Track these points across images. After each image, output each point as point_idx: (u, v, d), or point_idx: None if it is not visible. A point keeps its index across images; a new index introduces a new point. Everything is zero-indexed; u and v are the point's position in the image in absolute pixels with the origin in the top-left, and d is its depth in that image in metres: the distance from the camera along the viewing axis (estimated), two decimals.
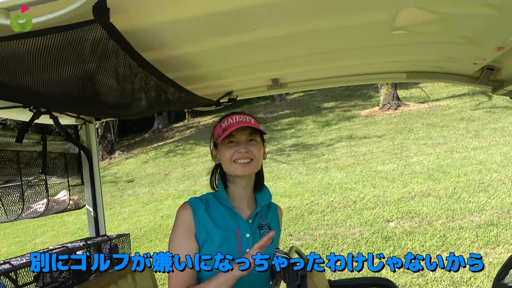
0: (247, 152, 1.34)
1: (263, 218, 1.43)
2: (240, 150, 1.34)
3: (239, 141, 1.36)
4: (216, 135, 1.39)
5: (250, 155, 1.35)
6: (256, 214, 1.41)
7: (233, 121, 1.37)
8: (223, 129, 1.36)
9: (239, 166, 1.34)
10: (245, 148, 1.34)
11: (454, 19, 1.39)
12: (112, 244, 2.17)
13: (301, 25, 1.34)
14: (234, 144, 1.36)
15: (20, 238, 8.23)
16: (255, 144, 1.38)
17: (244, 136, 1.37)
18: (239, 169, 1.34)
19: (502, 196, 5.28)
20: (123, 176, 11.92)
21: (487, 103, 11.37)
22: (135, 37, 1.27)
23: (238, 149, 1.34)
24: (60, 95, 1.52)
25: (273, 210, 1.51)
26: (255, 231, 1.38)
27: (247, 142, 1.37)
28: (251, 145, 1.36)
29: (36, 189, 2.09)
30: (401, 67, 2.12)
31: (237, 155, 1.34)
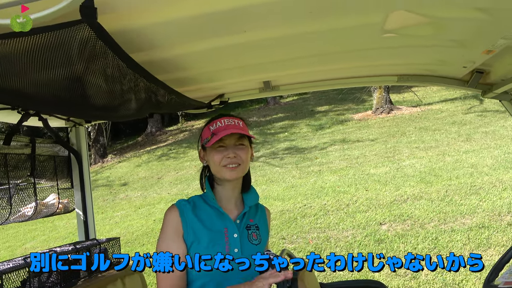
0: (235, 157, 1.35)
1: (251, 219, 1.44)
2: (229, 155, 1.35)
3: (228, 145, 1.37)
4: (205, 138, 1.39)
5: (238, 160, 1.36)
6: (244, 215, 1.41)
7: (222, 125, 1.37)
8: (212, 133, 1.36)
9: (227, 170, 1.35)
10: (233, 153, 1.35)
11: (444, 22, 1.40)
12: (102, 248, 2.15)
13: (291, 27, 1.34)
14: (223, 148, 1.36)
15: (10, 243, 8.12)
16: (243, 148, 1.38)
17: (233, 140, 1.37)
18: (227, 173, 1.35)
19: (493, 198, 5.32)
20: (116, 180, 11.83)
21: (479, 107, 11.48)
22: (125, 38, 1.25)
23: (227, 153, 1.35)
24: (49, 97, 1.50)
25: (261, 211, 1.51)
26: (243, 231, 1.39)
27: (236, 146, 1.37)
28: (239, 149, 1.37)
29: (24, 192, 2.06)
30: (392, 70, 2.13)
31: (226, 160, 1.35)
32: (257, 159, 10.66)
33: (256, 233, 1.41)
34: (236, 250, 1.34)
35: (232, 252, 1.33)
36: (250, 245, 1.38)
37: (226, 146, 1.36)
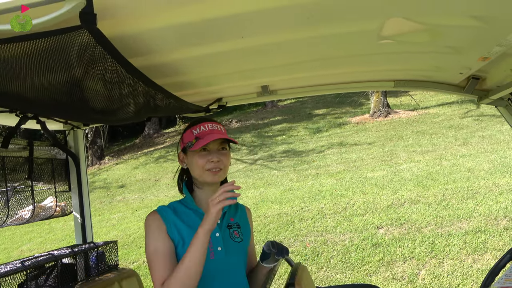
0: (218, 162, 1.39)
1: (231, 218, 1.48)
2: (213, 160, 1.38)
3: (211, 149, 1.40)
4: (188, 141, 1.42)
5: (221, 165, 1.40)
6: (224, 214, 1.45)
7: (206, 129, 1.41)
8: (196, 137, 1.40)
9: (210, 174, 1.39)
10: (217, 158, 1.39)
11: (440, 29, 1.41)
12: (99, 252, 2.15)
13: (289, 33, 1.35)
14: (207, 152, 1.40)
15: (6, 245, 8.09)
16: (225, 153, 1.42)
17: (216, 145, 1.41)
18: (210, 177, 1.39)
19: (490, 203, 5.34)
20: (113, 182, 11.81)
21: (476, 111, 11.53)
22: (123, 43, 1.26)
23: (211, 158, 1.38)
24: (47, 100, 1.51)
25: (241, 211, 1.55)
26: (224, 230, 1.42)
27: (218, 151, 1.41)
28: (222, 154, 1.41)
29: (22, 195, 2.06)
30: (389, 75, 2.14)
31: (209, 164, 1.38)
32: (254, 162, 10.67)
33: (238, 231, 1.45)
34: (220, 248, 1.37)
35: (215, 250, 1.36)
36: (233, 243, 1.41)
37: (210, 151, 1.40)
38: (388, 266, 4.39)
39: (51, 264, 1.86)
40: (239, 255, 1.42)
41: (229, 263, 1.38)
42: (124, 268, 2.27)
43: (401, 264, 4.39)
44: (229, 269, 1.38)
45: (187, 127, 1.46)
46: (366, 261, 4.55)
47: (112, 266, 2.22)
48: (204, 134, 1.38)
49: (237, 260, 1.41)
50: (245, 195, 7.51)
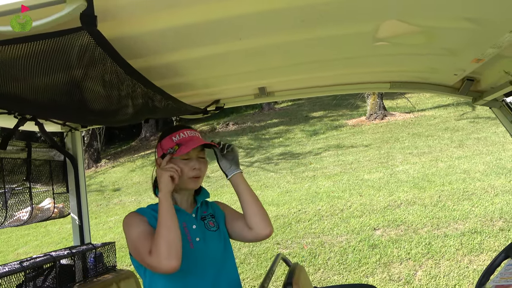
0: (199, 169, 1.48)
1: (204, 211, 1.56)
2: (195, 167, 1.46)
3: (192, 157, 1.47)
4: (168, 148, 1.46)
5: (201, 172, 1.49)
6: (197, 209, 1.53)
7: (186, 136, 1.48)
8: (177, 143, 1.45)
9: (192, 181, 1.47)
10: (199, 165, 1.47)
11: (435, 31, 1.43)
12: (97, 253, 2.15)
13: (285, 35, 1.37)
14: (188, 160, 1.47)
15: (2, 248, 8.04)
16: (204, 161, 1.52)
17: (196, 152, 1.49)
18: (192, 184, 1.48)
19: (485, 204, 5.37)
20: (109, 185, 11.78)
21: (471, 113, 11.60)
22: (123, 45, 1.27)
23: (193, 165, 1.46)
24: (46, 102, 1.52)
25: (212, 204, 1.63)
26: (199, 222, 1.50)
27: (199, 159, 1.49)
28: (202, 162, 1.50)
29: (19, 197, 2.07)
30: (385, 77, 2.16)
31: (192, 172, 1.46)
32: (251, 164, 10.68)
33: (213, 221, 1.54)
34: (198, 239, 1.45)
35: (194, 241, 1.44)
36: (209, 232, 1.50)
37: (191, 158, 1.47)
38: (385, 267, 4.41)
39: (49, 265, 1.86)
40: (217, 243, 1.49)
41: (209, 251, 1.45)
42: (122, 270, 2.27)
43: (398, 265, 4.41)
44: (209, 256, 1.45)
45: (164, 134, 1.52)
46: (363, 262, 4.56)
47: (110, 268, 2.22)
48: (185, 141, 1.46)
49: (216, 247, 1.49)
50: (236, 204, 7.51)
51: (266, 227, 1.49)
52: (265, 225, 1.49)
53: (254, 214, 1.50)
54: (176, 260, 1.26)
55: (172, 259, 1.25)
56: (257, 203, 1.52)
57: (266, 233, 1.49)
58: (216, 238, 1.50)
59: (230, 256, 1.53)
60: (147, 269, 1.40)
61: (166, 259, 1.25)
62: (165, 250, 1.26)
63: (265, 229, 1.49)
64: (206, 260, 1.44)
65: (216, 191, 8.57)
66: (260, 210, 1.51)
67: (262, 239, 1.52)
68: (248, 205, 1.52)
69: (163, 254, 1.25)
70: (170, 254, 1.26)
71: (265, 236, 1.50)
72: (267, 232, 1.49)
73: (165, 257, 1.25)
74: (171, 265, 1.25)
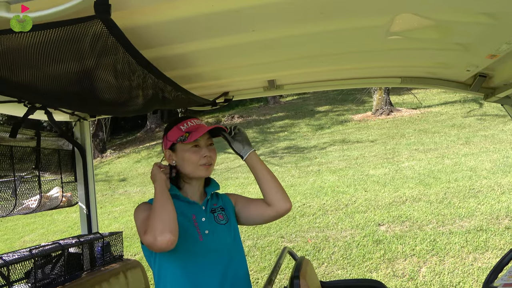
0: (210, 157, 1.48)
1: (214, 203, 1.56)
2: (206, 155, 1.46)
3: (201, 145, 1.47)
4: (178, 137, 1.47)
5: (211, 160, 1.49)
6: (207, 201, 1.53)
7: (194, 124, 1.48)
8: (186, 131, 1.46)
9: (203, 169, 1.47)
10: (209, 153, 1.47)
11: (449, 26, 1.41)
12: (105, 242, 2.17)
13: (300, 27, 1.36)
14: (198, 148, 1.47)
15: (9, 235, 8.13)
16: (214, 148, 1.52)
17: (205, 140, 1.49)
18: (203, 172, 1.47)
19: (491, 202, 5.35)
20: (115, 175, 11.84)
21: (478, 110, 11.51)
22: (135, 34, 1.27)
23: (203, 153, 1.46)
24: (57, 91, 1.51)
25: (223, 197, 1.62)
26: (209, 215, 1.50)
27: (208, 147, 1.49)
28: (211, 150, 1.50)
29: (29, 185, 2.08)
30: (396, 72, 2.14)
31: (203, 159, 1.46)
32: None
33: (222, 214, 1.53)
34: (207, 231, 1.45)
35: (203, 234, 1.44)
36: (219, 225, 1.50)
37: (201, 146, 1.47)
38: (389, 262, 4.41)
39: (57, 253, 1.88)
40: (226, 236, 1.49)
41: (217, 244, 1.45)
42: (129, 259, 2.29)
43: (402, 261, 4.41)
44: (218, 249, 1.45)
45: (171, 125, 1.52)
46: (367, 258, 4.57)
47: (117, 257, 2.24)
48: (194, 128, 1.46)
49: (225, 240, 1.49)
50: (246, 190, 7.52)
51: (286, 202, 1.50)
52: (284, 200, 1.50)
53: (272, 190, 1.51)
54: (171, 235, 1.26)
55: (166, 233, 1.26)
56: (274, 180, 1.53)
57: (286, 208, 1.50)
58: (226, 231, 1.50)
59: (239, 250, 1.54)
60: (156, 259, 1.41)
61: (160, 235, 1.25)
62: (159, 225, 1.27)
63: (285, 204, 1.50)
64: (215, 253, 1.44)
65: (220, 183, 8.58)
66: (278, 186, 1.52)
67: (283, 215, 1.52)
68: (266, 182, 1.52)
69: (157, 230, 1.26)
70: (164, 229, 1.26)
71: (286, 211, 1.51)
72: (287, 206, 1.50)
73: (159, 232, 1.26)
74: (165, 238, 1.25)
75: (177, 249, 1.32)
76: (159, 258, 1.41)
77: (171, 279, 1.40)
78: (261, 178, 1.53)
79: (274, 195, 1.50)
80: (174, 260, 1.39)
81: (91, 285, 1.88)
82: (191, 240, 1.41)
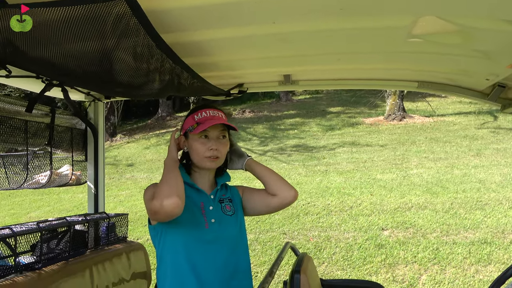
0: (217, 150, 1.46)
1: (223, 194, 1.57)
2: (212, 147, 1.45)
3: (211, 137, 1.47)
4: (189, 126, 1.48)
5: (219, 153, 1.47)
6: (217, 191, 1.54)
7: (207, 115, 1.47)
8: (197, 122, 1.46)
9: (208, 161, 1.46)
10: (216, 145, 1.46)
11: (473, 32, 1.39)
12: (110, 223, 2.19)
13: (321, 23, 1.35)
14: (207, 139, 1.46)
15: (15, 210, 8.27)
16: (225, 142, 1.50)
17: (216, 132, 1.48)
18: (208, 164, 1.47)
19: (498, 216, 5.29)
20: (123, 160, 11.95)
21: (492, 123, 11.36)
22: (156, 18, 1.27)
23: (210, 145, 1.45)
24: (75, 69, 1.53)
25: (232, 189, 1.63)
26: (217, 205, 1.51)
27: (218, 139, 1.48)
28: (221, 143, 1.48)
29: (40, 160, 2.11)
30: (413, 76, 2.12)
31: (208, 152, 1.45)
32: (264, 153, 10.69)
33: (230, 205, 1.54)
34: (213, 220, 1.46)
35: (209, 222, 1.45)
36: (225, 216, 1.50)
37: (210, 138, 1.46)
38: (390, 267, 4.39)
39: (64, 229, 1.91)
40: (232, 227, 1.50)
41: (222, 234, 1.46)
42: (133, 241, 2.32)
43: (403, 267, 4.39)
44: (222, 239, 1.46)
45: (190, 113, 1.53)
46: (368, 261, 4.56)
47: (121, 238, 2.26)
48: (205, 119, 1.45)
49: (230, 231, 1.49)
50: (252, 184, 7.53)
51: (290, 189, 1.51)
52: (288, 188, 1.51)
53: (275, 182, 1.52)
54: (178, 198, 1.28)
55: (173, 196, 1.27)
56: (275, 174, 1.55)
57: (291, 195, 1.51)
58: (232, 222, 1.51)
59: (243, 242, 1.54)
60: (161, 239, 1.42)
61: (166, 198, 1.27)
62: (166, 190, 1.29)
63: (289, 191, 1.51)
64: (218, 242, 1.45)
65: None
66: (280, 178, 1.54)
67: (289, 204, 1.53)
68: (267, 177, 1.54)
69: (164, 194, 1.28)
70: (170, 193, 1.28)
71: (291, 199, 1.51)
72: (292, 194, 1.51)
73: (166, 195, 1.27)
74: (172, 201, 1.26)
75: (182, 232, 1.33)
76: (163, 239, 1.42)
77: (172, 262, 1.41)
78: (263, 176, 1.55)
79: (276, 185, 1.52)
80: (177, 243, 1.41)
81: (94, 263, 1.90)
82: (196, 226, 1.42)
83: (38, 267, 1.66)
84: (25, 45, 1.24)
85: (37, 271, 1.64)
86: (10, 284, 1.50)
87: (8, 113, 1.85)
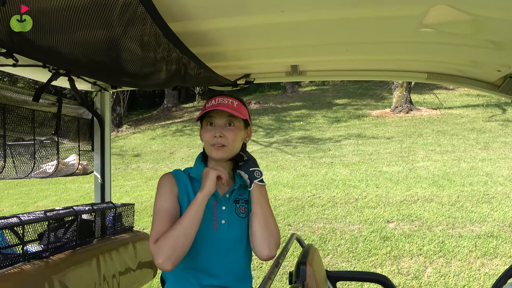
0: (221, 137, 1.38)
1: (240, 194, 1.47)
2: (215, 135, 1.38)
3: (217, 124, 1.41)
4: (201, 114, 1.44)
5: (224, 141, 1.38)
6: (233, 191, 1.45)
7: (215, 103, 1.40)
8: (206, 110, 1.41)
9: (214, 149, 1.39)
10: (220, 133, 1.38)
11: (485, 21, 1.36)
12: (117, 212, 2.20)
13: (331, 12, 1.33)
14: (212, 127, 1.41)
15: (23, 199, 8.35)
16: (232, 129, 1.41)
17: (223, 119, 1.41)
18: (213, 153, 1.40)
19: (505, 209, 5.25)
20: (129, 150, 12.00)
21: (501, 116, 11.24)
22: (162, 6, 1.26)
23: (214, 133, 1.38)
24: (82, 58, 1.52)
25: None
26: (231, 205, 1.43)
27: (225, 127, 1.40)
28: (227, 130, 1.40)
29: (47, 150, 2.12)
30: (423, 67, 2.09)
31: (213, 139, 1.39)
32: (270, 144, 10.68)
33: (244, 207, 1.45)
34: (223, 221, 1.39)
35: (219, 223, 1.39)
36: (237, 218, 1.42)
37: (215, 125, 1.40)
38: (395, 260, 4.39)
39: (70, 219, 1.92)
40: (241, 230, 1.42)
41: (231, 237, 1.39)
42: (139, 231, 2.33)
43: (408, 259, 4.38)
44: (230, 242, 1.40)
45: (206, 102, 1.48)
46: (373, 253, 4.56)
47: (127, 228, 2.27)
48: (211, 107, 1.39)
49: (239, 235, 1.41)
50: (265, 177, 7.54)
51: (265, 249, 1.35)
52: (265, 246, 1.35)
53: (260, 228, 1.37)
54: (172, 266, 1.24)
55: (169, 262, 1.24)
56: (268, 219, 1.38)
57: (262, 255, 1.36)
58: (243, 225, 1.43)
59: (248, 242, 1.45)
60: None
61: (162, 259, 1.23)
62: (167, 251, 1.24)
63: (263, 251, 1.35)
64: (225, 245, 1.39)
65: None
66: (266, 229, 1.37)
67: (262, 260, 1.39)
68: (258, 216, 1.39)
69: (163, 254, 1.24)
70: (169, 257, 1.24)
71: (262, 258, 1.37)
72: (265, 254, 1.35)
73: (164, 257, 1.23)
74: (164, 266, 1.24)
75: None
76: None
77: None
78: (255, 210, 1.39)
79: (257, 235, 1.37)
80: None
81: (101, 252, 1.91)
82: (203, 227, 1.34)
83: (46, 255, 1.68)
84: (32, 34, 1.23)
85: (45, 259, 1.66)
86: (18, 272, 1.51)
87: (16, 102, 1.85)
